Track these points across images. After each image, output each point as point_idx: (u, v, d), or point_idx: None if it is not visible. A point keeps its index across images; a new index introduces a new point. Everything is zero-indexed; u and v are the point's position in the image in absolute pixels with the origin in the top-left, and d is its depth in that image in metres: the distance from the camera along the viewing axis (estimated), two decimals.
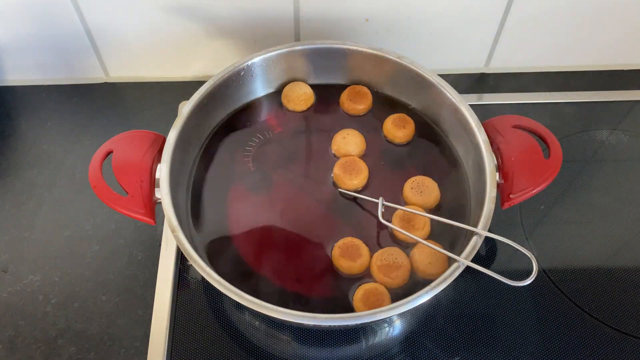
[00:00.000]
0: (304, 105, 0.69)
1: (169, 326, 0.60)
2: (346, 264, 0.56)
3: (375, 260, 0.57)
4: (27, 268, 0.65)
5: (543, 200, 0.70)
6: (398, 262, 0.56)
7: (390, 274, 0.55)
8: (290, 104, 0.69)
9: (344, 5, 0.74)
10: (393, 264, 0.56)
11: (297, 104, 0.69)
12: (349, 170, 0.62)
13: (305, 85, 0.70)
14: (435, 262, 0.56)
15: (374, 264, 0.56)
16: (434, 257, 0.56)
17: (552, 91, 0.82)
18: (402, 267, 0.56)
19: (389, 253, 0.57)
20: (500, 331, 0.61)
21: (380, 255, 0.57)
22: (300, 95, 0.69)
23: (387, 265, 0.56)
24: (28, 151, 0.75)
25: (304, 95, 0.69)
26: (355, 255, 0.57)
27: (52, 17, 0.73)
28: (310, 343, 0.60)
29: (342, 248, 0.57)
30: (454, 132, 0.65)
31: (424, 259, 0.56)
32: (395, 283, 0.56)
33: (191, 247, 0.53)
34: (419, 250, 0.57)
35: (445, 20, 0.76)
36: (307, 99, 0.69)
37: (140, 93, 0.82)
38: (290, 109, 0.69)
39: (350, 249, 0.57)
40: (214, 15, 0.74)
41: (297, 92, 0.69)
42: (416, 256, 0.57)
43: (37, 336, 0.61)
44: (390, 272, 0.56)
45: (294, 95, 0.69)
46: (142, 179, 0.56)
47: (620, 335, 0.60)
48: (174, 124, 0.60)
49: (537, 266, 0.49)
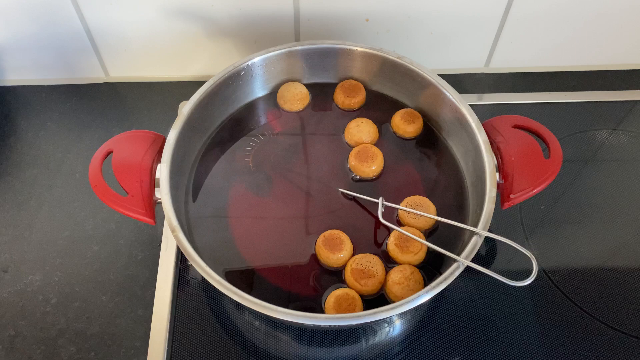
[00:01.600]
0: (300, 104, 0.69)
1: (169, 326, 0.60)
2: (324, 254, 0.57)
3: (351, 262, 0.57)
4: (27, 268, 0.65)
5: (543, 200, 0.70)
6: (372, 271, 0.56)
7: (360, 280, 0.55)
8: (287, 104, 0.69)
9: (344, 5, 0.74)
10: (367, 271, 0.56)
11: (293, 104, 0.69)
12: (364, 158, 0.63)
13: (301, 85, 0.70)
14: (409, 285, 0.55)
15: (349, 265, 0.56)
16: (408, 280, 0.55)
17: (552, 91, 0.82)
18: (375, 277, 0.55)
19: (367, 259, 0.57)
20: (500, 331, 0.61)
21: (358, 259, 0.57)
22: (296, 94, 0.69)
23: (360, 271, 0.56)
24: (28, 151, 0.75)
25: (300, 95, 0.69)
26: (337, 248, 0.57)
27: (52, 17, 0.73)
28: (310, 343, 0.60)
29: (326, 237, 0.57)
30: (454, 132, 0.65)
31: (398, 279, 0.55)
32: (364, 290, 0.55)
33: (191, 247, 0.53)
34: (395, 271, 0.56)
35: (445, 20, 0.76)
36: (302, 98, 0.69)
37: (140, 93, 0.82)
38: (286, 109, 0.69)
39: (334, 240, 0.57)
40: (214, 15, 0.74)
41: (293, 91, 0.69)
42: (392, 275, 0.55)
43: (37, 336, 0.61)
44: (361, 278, 0.55)
45: (290, 95, 0.69)
46: (142, 179, 0.56)
47: (620, 335, 0.60)
48: (174, 124, 0.60)
49: (537, 266, 0.49)
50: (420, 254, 0.57)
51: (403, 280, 0.55)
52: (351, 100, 0.69)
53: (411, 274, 0.55)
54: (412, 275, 0.55)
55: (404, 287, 0.54)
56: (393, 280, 0.55)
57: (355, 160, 0.63)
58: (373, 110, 0.69)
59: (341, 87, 0.70)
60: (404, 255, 0.56)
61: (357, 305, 0.54)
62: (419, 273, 0.56)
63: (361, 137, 0.65)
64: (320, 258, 0.58)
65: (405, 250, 0.57)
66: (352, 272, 0.56)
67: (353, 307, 0.53)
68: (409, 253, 0.57)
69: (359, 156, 0.63)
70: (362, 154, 0.63)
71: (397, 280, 0.55)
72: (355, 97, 0.69)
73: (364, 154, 0.63)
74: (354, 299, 0.54)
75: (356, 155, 0.63)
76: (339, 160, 0.65)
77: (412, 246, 0.57)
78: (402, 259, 0.57)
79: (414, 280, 0.55)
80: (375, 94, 0.71)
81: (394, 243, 0.57)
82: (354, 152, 0.64)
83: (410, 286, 0.54)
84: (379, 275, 0.56)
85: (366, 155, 0.63)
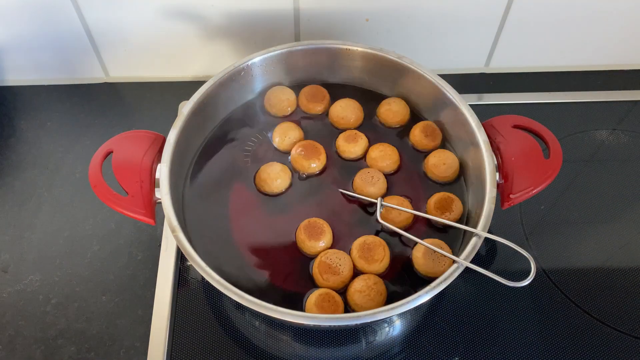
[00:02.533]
0: (287, 109, 0.68)
1: (169, 326, 0.60)
2: (300, 239, 0.57)
3: (323, 254, 0.57)
4: (27, 268, 0.65)
5: (543, 200, 0.70)
6: (339, 269, 0.55)
7: (324, 274, 0.55)
8: (273, 109, 0.68)
9: (344, 5, 0.74)
10: (334, 267, 0.55)
11: (280, 109, 0.68)
12: (350, 139, 0.65)
13: (289, 90, 0.69)
14: (370, 295, 0.54)
15: (319, 257, 0.56)
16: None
17: (552, 91, 0.82)
18: (339, 275, 0.55)
19: (338, 256, 0.56)
20: (500, 331, 0.61)
21: (330, 254, 0.56)
22: (282, 100, 0.68)
23: (327, 265, 0.56)
24: (28, 151, 0.75)
25: (287, 100, 0.68)
26: (315, 236, 0.57)
27: (52, 17, 0.73)
28: (310, 343, 0.60)
29: (310, 223, 0.58)
30: (454, 132, 0.65)
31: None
32: (324, 284, 0.55)
33: (191, 247, 0.53)
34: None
35: (445, 20, 0.76)
36: (290, 103, 0.68)
37: (140, 93, 0.82)
38: (273, 114, 0.69)
39: (314, 228, 0.58)
40: (214, 15, 0.74)
41: (280, 96, 0.68)
42: (355, 283, 0.55)
43: (37, 336, 0.61)
44: (325, 272, 0.55)
45: (276, 100, 0.68)
46: (142, 179, 0.56)
47: (620, 335, 0.60)
48: (174, 124, 0.60)
49: (536, 267, 0.49)
50: (384, 260, 0.56)
51: (365, 289, 0.54)
52: (316, 106, 0.68)
53: (374, 283, 0.54)
54: (375, 285, 0.54)
55: (365, 296, 0.54)
56: (355, 288, 0.54)
57: (342, 141, 0.65)
58: (373, 111, 0.69)
59: (306, 92, 0.69)
60: (370, 265, 0.56)
61: (339, 305, 0.54)
62: (382, 284, 0.55)
63: (347, 120, 0.67)
64: (298, 242, 0.58)
65: (370, 260, 0.56)
66: (319, 264, 0.56)
67: (335, 307, 0.53)
68: (374, 262, 0.56)
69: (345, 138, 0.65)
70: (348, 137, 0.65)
71: (359, 288, 0.54)
72: (319, 104, 0.69)
73: (350, 137, 0.65)
74: (334, 298, 0.54)
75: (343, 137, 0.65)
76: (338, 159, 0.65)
77: (375, 254, 0.56)
78: (368, 268, 0.56)
79: (376, 290, 0.54)
80: (375, 93, 0.71)
81: (357, 255, 0.57)
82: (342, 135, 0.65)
83: (371, 295, 0.54)
84: (344, 275, 0.55)
85: (352, 137, 0.65)
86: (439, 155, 0.63)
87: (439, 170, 0.62)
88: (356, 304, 0.54)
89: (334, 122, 0.68)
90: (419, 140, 0.65)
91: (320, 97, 0.69)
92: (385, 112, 0.68)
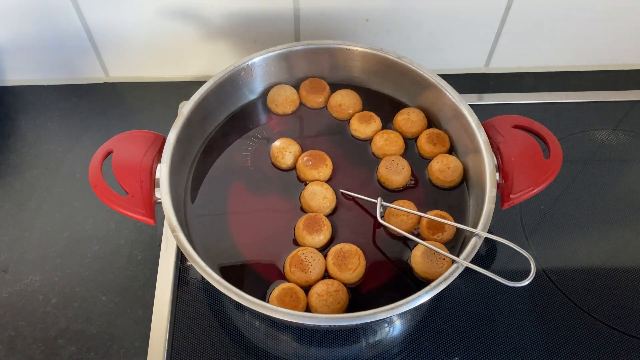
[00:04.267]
0: (291, 107, 0.69)
1: (169, 326, 0.60)
2: (299, 234, 0.58)
3: (299, 249, 0.57)
4: (27, 268, 0.65)
5: (543, 200, 0.70)
6: (308, 267, 0.55)
7: (292, 267, 0.55)
8: (279, 108, 0.68)
9: (344, 5, 0.74)
10: (304, 265, 0.55)
11: (285, 107, 0.68)
12: (363, 120, 0.66)
13: (290, 88, 0.69)
14: (327, 300, 0.54)
15: (295, 251, 0.57)
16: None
17: (552, 91, 0.82)
18: (306, 273, 0.55)
19: (313, 256, 0.56)
20: (500, 331, 0.61)
21: (308, 251, 0.56)
22: (287, 97, 0.68)
23: (299, 261, 0.56)
24: (28, 151, 0.75)
25: (291, 97, 0.68)
26: (315, 229, 0.57)
27: (52, 17, 0.74)
28: (310, 343, 0.60)
29: (309, 218, 0.58)
30: (454, 132, 0.65)
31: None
32: (289, 277, 0.56)
33: (191, 247, 0.53)
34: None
35: (445, 20, 0.76)
36: (293, 100, 0.69)
37: (140, 93, 0.82)
38: (278, 113, 0.69)
39: (314, 223, 0.58)
40: (214, 15, 0.74)
41: (283, 94, 0.68)
42: (316, 286, 0.55)
43: (37, 336, 0.61)
44: (294, 266, 0.55)
45: (281, 99, 0.68)
46: (142, 179, 0.56)
47: (620, 335, 0.60)
48: (174, 124, 0.60)
49: (535, 267, 0.49)
50: (358, 270, 0.56)
51: (324, 293, 0.54)
52: (317, 98, 0.69)
53: (335, 290, 0.54)
54: (336, 292, 0.54)
55: (322, 301, 0.53)
56: (314, 290, 0.54)
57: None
58: (374, 111, 0.69)
59: (307, 84, 0.70)
60: (342, 273, 0.55)
61: (301, 302, 0.54)
62: (344, 294, 0.54)
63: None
64: (297, 238, 0.58)
65: (343, 268, 0.55)
66: (292, 257, 0.56)
67: (296, 303, 0.53)
68: (347, 271, 0.55)
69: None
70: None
71: (318, 291, 0.54)
72: (320, 95, 0.69)
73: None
74: (297, 294, 0.54)
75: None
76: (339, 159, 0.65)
77: (350, 263, 0.56)
78: (339, 276, 0.56)
79: (336, 298, 0.54)
80: (375, 93, 0.71)
81: (332, 262, 0.56)
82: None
83: (329, 302, 0.53)
84: (311, 275, 0.55)
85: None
86: (442, 160, 0.63)
87: (444, 175, 0.62)
88: (312, 305, 0.54)
89: (332, 111, 0.68)
90: (426, 149, 0.65)
91: (321, 88, 0.69)
92: (403, 120, 0.67)
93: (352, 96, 0.69)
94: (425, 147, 0.65)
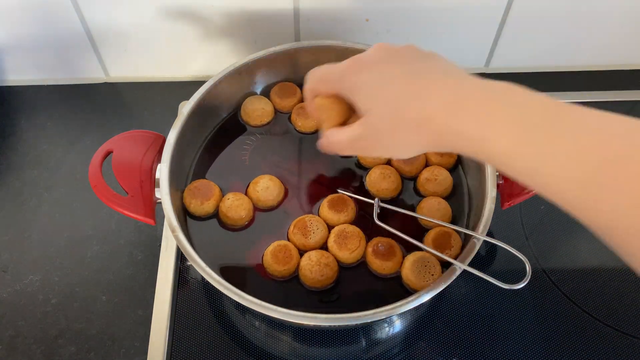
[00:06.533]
0: (266, 118, 0.67)
1: (169, 326, 0.60)
2: (324, 215, 0.60)
3: (307, 215, 0.59)
4: (27, 268, 0.65)
5: (543, 200, 0.69)
6: (309, 234, 0.57)
7: (295, 228, 0.58)
8: (253, 120, 0.67)
9: (343, 5, 0.74)
10: (307, 229, 0.58)
11: (260, 119, 0.67)
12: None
13: (264, 99, 0.68)
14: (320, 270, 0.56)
15: (304, 216, 0.59)
16: None
17: (552, 91, 0.82)
18: (306, 238, 0.57)
19: (317, 226, 0.58)
20: (500, 331, 0.61)
21: (314, 220, 0.58)
22: (256, 109, 0.67)
23: (304, 224, 0.58)
24: (28, 151, 0.75)
25: (266, 108, 0.67)
26: (342, 208, 0.59)
27: (52, 17, 0.73)
28: (310, 343, 0.60)
29: (303, 219, 0.59)
30: None
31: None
32: (290, 236, 0.58)
33: (191, 247, 0.53)
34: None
35: (445, 20, 0.76)
36: (268, 112, 0.67)
37: (140, 93, 0.82)
38: (253, 125, 0.68)
39: (340, 202, 0.59)
40: (213, 15, 0.74)
41: (258, 106, 0.67)
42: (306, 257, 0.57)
43: (37, 336, 0.61)
44: (298, 227, 0.58)
45: (257, 112, 0.67)
46: (142, 179, 0.56)
47: (620, 335, 0.60)
48: (174, 124, 0.60)
49: (531, 269, 0.49)
50: (357, 252, 0.57)
51: (315, 261, 0.56)
52: (286, 102, 0.68)
53: (325, 264, 0.55)
54: (326, 267, 0.55)
55: (309, 267, 0.55)
56: (309, 254, 0.56)
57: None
58: None
59: (277, 89, 0.69)
60: (341, 252, 0.57)
61: (293, 258, 0.56)
62: (333, 271, 0.56)
63: None
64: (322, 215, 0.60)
65: (343, 248, 0.57)
66: (297, 221, 0.59)
67: (288, 259, 0.55)
68: (346, 250, 0.57)
69: None
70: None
71: (311, 256, 0.56)
72: (290, 98, 0.68)
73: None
74: (290, 252, 0.56)
75: None
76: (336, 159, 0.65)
77: (350, 243, 0.57)
78: (338, 254, 0.57)
79: (324, 271, 0.55)
80: None
81: (333, 240, 0.57)
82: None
83: (314, 270, 0.55)
84: (309, 241, 0.57)
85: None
86: (432, 170, 0.62)
87: (431, 184, 0.61)
88: (301, 267, 0.56)
89: None
90: (434, 159, 0.64)
91: (292, 92, 0.69)
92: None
93: None
94: (432, 157, 0.64)
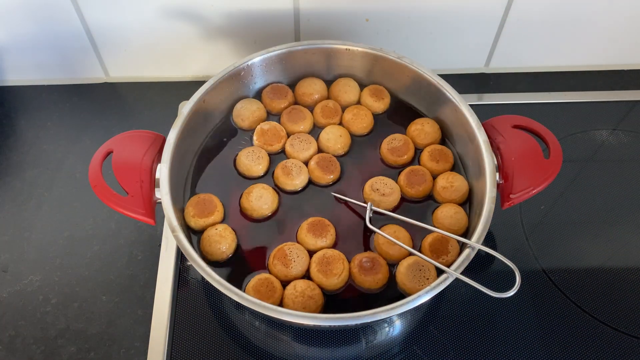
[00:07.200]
0: (259, 121, 0.67)
1: (169, 326, 0.60)
2: (301, 238, 0.58)
3: (286, 243, 0.57)
4: (27, 268, 0.65)
5: (543, 200, 0.70)
6: (291, 262, 0.56)
7: (274, 259, 0.56)
8: (246, 123, 0.67)
9: (344, 5, 0.74)
10: (287, 259, 0.56)
11: (252, 122, 0.67)
12: (374, 94, 0.68)
13: (256, 102, 0.68)
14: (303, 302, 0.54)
15: (283, 245, 0.57)
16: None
17: (552, 91, 0.82)
18: (287, 268, 0.55)
19: (297, 253, 0.56)
20: (500, 331, 0.61)
21: (293, 247, 0.57)
22: (253, 112, 0.67)
23: (284, 254, 0.56)
24: (28, 151, 0.75)
25: (257, 111, 0.67)
26: (321, 233, 0.57)
27: (52, 17, 0.73)
28: (310, 343, 0.60)
29: (313, 221, 0.58)
30: (454, 132, 0.65)
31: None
32: (270, 267, 0.56)
33: (191, 247, 0.53)
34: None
35: (445, 20, 0.76)
36: (260, 116, 0.67)
37: (140, 93, 0.82)
38: (246, 128, 0.67)
39: (318, 226, 0.58)
40: (214, 15, 0.74)
41: (249, 109, 0.67)
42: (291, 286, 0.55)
43: (37, 336, 0.61)
44: (277, 258, 0.56)
45: (247, 114, 0.67)
46: (142, 179, 0.56)
47: (620, 335, 0.60)
48: (174, 124, 0.60)
49: (520, 278, 0.49)
50: (343, 275, 0.55)
51: (300, 292, 0.54)
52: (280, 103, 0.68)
53: (310, 297, 0.54)
54: (310, 299, 0.53)
55: (293, 298, 0.54)
56: (294, 284, 0.55)
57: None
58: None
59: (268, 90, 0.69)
60: (328, 280, 0.55)
61: (276, 292, 0.54)
62: (317, 305, 0.54)
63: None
64: (299, 241, 0.58)
65: (328, 274, 0.55)
66: (277, 250, 0.57)
67: (271, 294, 0.54)
68: (332, 276, 0.55)
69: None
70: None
71: (297, 286, 0.54)
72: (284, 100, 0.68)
73: None
74: (273, 285, 0.54)
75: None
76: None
77: (334, 268, 0.55)
78: (326, 283, 0.55)
79: (307, 303, 0.53)
80: None
81: (316, 269, 0.56)
82: None
83: (297, 302, 0.53)
84: (291, 271, 0.56)
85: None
86: (447, 178, 0.62)
87: (447, 192, 0.61)
88: (286, 304, 0.54)
89: (299, 100, 0.69)
90: (429, 166, 0.64)
91: (283, 93, 0.68)
92: (416, 131, 0.66)
93: (319, 84, 0.69)
94: (427, 164, 0.64)
